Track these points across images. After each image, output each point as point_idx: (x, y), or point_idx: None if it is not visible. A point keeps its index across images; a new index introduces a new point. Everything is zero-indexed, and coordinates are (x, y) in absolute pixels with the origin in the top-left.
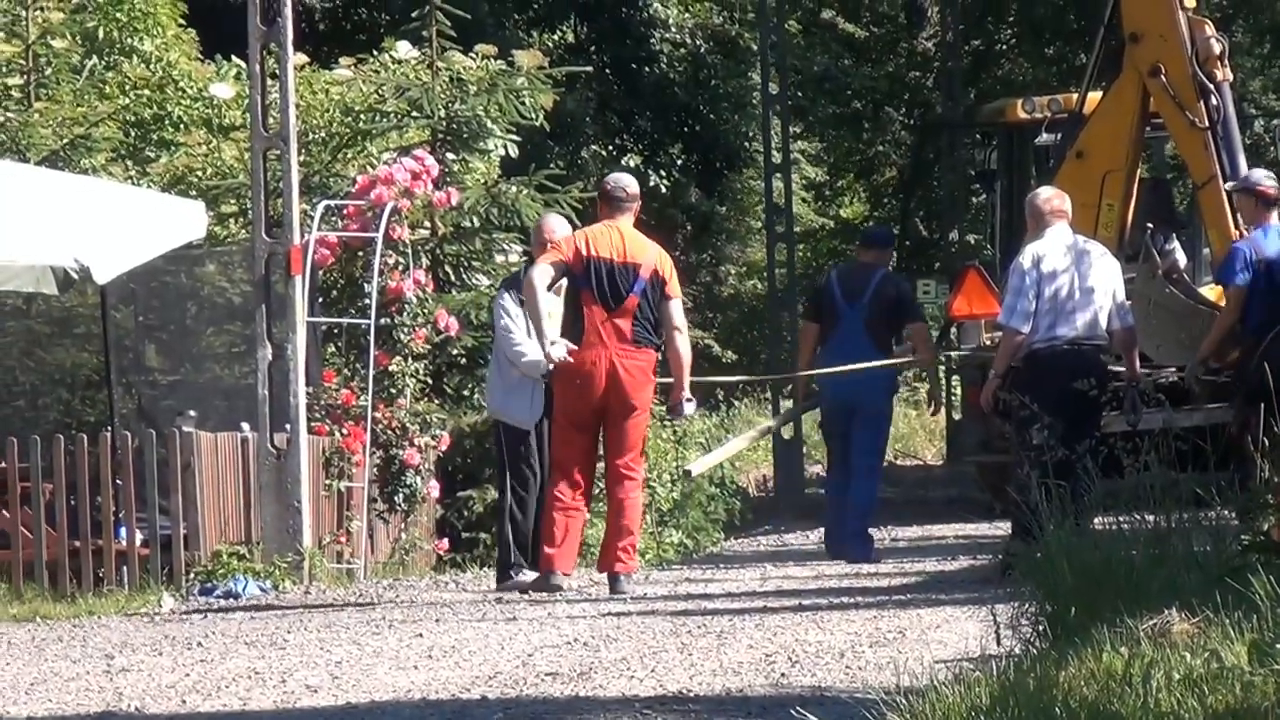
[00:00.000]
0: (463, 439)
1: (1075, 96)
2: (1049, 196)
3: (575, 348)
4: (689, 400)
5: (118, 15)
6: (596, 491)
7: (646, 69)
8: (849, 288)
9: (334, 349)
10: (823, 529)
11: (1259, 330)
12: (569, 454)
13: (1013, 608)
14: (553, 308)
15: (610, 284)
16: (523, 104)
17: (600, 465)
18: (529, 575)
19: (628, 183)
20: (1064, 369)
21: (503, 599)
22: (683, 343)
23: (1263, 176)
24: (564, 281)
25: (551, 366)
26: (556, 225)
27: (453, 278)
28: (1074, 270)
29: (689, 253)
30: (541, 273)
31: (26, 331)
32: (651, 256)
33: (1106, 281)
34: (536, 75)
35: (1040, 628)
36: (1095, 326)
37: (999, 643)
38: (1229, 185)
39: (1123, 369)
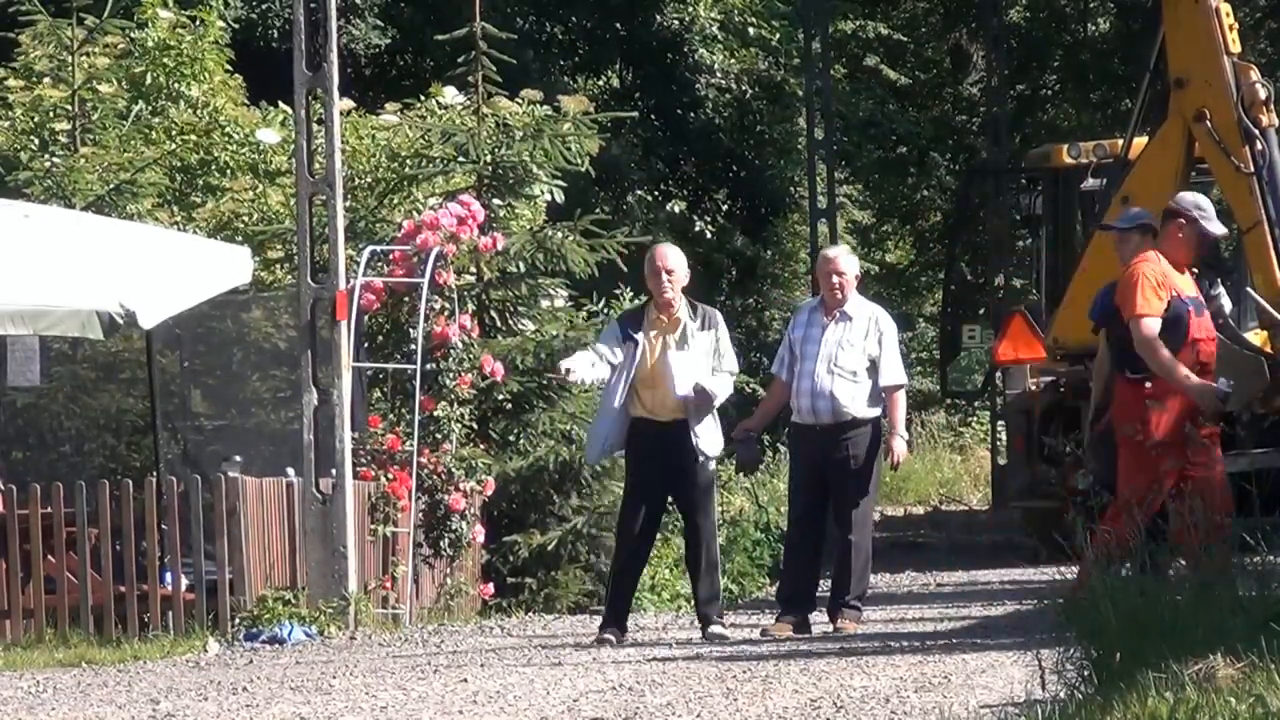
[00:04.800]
0: (508, 484)
1: (1121, 142)
2: None
3: None
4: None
5: (164, 61)
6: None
7: (692, 114)
8: None
9: (379, 394)
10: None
11: None
12: None
13: (1058, 653)
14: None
15: None
16: (568, 149)
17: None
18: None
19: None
20: None
21: (547, 645)
22: None
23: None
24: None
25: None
26: (671, 255)
27: (498, 323)
28: None
29: (734, 298)
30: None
31: (72, 376)
32: None
33: None
34: (582, 121)
35: (1085, 673)
36: None
37: (1044, 688)
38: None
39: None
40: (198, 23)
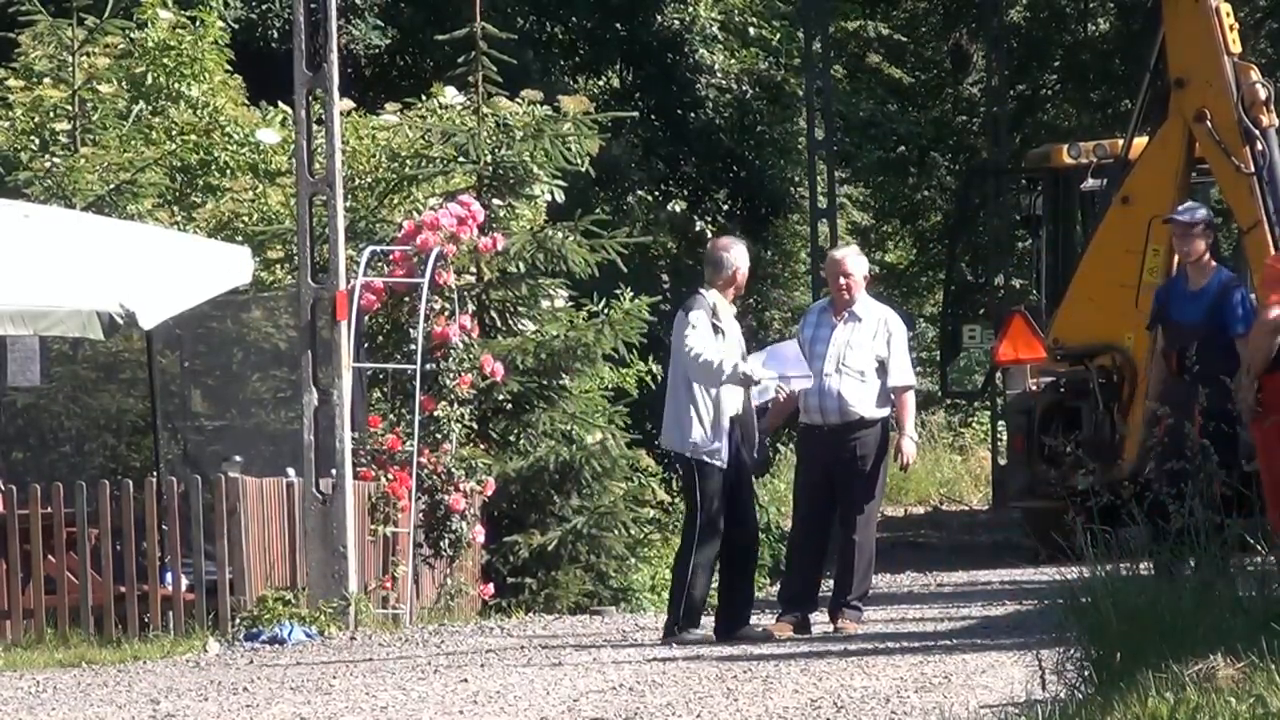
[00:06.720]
0: (508, 484)
1: (1121, 142)
2: None
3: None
4: None
5: (164, 61)
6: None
7: (692, 114)
8: None
9: (379, 394)
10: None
11: None
12: None
13: (1058, 653)
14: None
15: None
16: (568, 149)
17: None
18: (694, 634)
19: None
20: None
21: (547, 645)
22: None
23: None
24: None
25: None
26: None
27: (498, 323)
28: None
29: None
30: None
31: (72, 376)
32: None
33: None
34: (582, 121)
35: (1085, 673)
36: None
37: (1044, 688)
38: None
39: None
40: (197, 23)
